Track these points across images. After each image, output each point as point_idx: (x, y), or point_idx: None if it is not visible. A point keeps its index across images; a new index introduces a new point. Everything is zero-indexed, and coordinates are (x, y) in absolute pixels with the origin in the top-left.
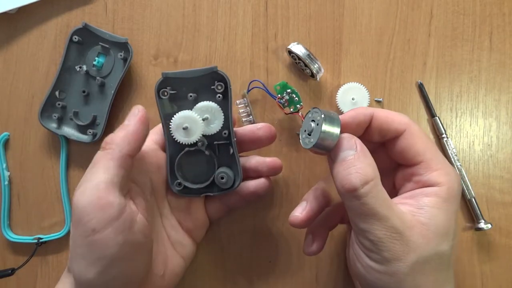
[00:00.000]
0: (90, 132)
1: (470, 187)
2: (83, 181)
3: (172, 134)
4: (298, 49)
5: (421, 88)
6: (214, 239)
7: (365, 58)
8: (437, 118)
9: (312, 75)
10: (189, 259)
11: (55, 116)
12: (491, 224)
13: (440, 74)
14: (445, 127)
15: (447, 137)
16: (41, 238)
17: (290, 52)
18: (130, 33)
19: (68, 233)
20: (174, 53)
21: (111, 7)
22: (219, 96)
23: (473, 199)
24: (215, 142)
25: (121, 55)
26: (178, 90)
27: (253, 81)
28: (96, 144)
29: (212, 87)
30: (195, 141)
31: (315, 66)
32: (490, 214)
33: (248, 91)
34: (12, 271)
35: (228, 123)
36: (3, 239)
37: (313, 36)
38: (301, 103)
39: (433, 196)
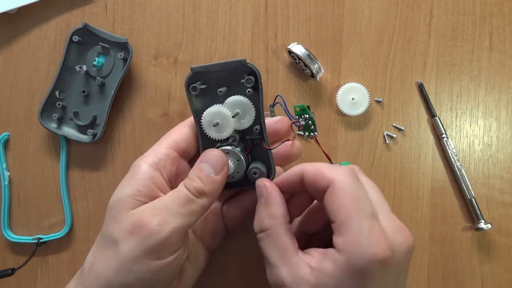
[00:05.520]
0: (90, 132)
1: (470, 187)
2: (164, 207)
3: (204, 130)
4: (298, 49)
5: (421, 88)
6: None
7: (365, 58)
8: (437, 118)
9: (312, 75)
10: (202, 268)
11: (55, 116)
12: (491, 224)
13: (440, 74)
14: (445, 127)
15: (447, 137)
16: (41, 238)
17: (290, 52)
18: (130, 33)
19: (68, 233)
20: (174, 53)
21: (111, 7)
22: (249, 91)
23: (473, 199)
24: (247, 137)
25: (121, 55)
26: (209, 84)
27: (277, 96)
28: (96, 144)
29: (242, 80)
30: (226, 137)
31: (315, 66)
32: (490, 214)
33: (274, 105)
34: (12, 271)
35: (259, 117)
36: (3, 239)
37: (313, 36)
38: (316, 133)
39: (330, 262)
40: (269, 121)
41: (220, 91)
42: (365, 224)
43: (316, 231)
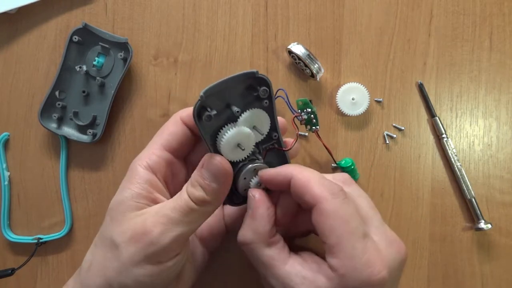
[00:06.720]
0: (90, 132)
1: (470, 187)
2: (165, 216)
3: (222, 154)
4: (298, 49)
5: (421, 88)
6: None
7: (365, 58)
8: (437, 118)
9: (312, 75)
10: (201, 269)
11: (55, 116)
12: (491, 224)
13: (440, 74)
14: (445, 127)
15: (447, 137)
16: (41, 238)
17: (290, 52)
18: (130, 33)
19: (68, 233)
20: (174, 53)
21: (111, 7)
22: (266, 102)
23: (473, 199)
24: (263, 146)
25: (121, 55)
26: (215, 105)
27: (279, 89)
28: (96, 144)
29: (255, 93)
30: (249, 155)
31: (315, 66)
32: (490, 214)
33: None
34: (12, 271)
35: (274, 124)
36: (3, 239)
37: (313, 36)
38: (318, 126)
39: (324, 278)
40: None
41: (238, 111)
42: (358, 246)
43: (302, 235)
